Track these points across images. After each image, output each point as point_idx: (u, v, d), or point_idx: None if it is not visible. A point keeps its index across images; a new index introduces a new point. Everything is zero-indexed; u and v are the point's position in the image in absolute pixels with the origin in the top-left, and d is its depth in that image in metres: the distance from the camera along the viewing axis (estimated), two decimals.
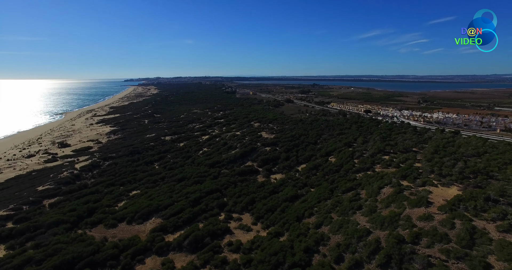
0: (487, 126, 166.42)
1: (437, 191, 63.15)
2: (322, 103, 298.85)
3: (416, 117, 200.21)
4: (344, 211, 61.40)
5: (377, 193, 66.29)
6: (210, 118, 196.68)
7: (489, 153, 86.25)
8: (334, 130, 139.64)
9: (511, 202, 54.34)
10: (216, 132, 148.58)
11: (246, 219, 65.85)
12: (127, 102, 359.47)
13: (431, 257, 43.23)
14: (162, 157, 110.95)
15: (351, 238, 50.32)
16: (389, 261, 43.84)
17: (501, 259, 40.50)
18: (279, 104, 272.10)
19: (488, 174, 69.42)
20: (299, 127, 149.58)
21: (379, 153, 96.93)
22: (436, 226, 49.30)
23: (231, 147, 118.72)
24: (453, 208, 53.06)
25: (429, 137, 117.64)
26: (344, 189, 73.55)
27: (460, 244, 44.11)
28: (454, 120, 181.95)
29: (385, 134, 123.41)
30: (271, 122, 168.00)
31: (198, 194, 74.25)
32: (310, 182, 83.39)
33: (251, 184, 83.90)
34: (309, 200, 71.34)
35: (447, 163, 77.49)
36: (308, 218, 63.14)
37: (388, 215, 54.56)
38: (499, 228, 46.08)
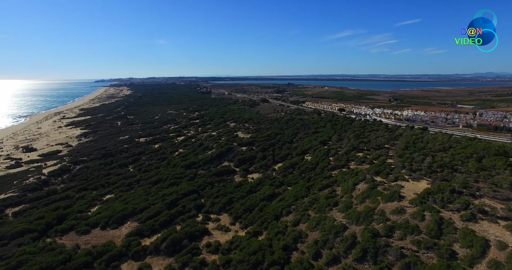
0: (451, 123, 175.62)
1: (408, 185, 65.76)
2: (297, 102, 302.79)
3: (388, 115, 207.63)
4: (321, 208, 62.61)
5: (352, 189, 68.14)
6: (186, 118, 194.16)
7: (454, 148, 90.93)
8: (309, 129, 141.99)
9: (473, 193, 57.79)
10: (192, 133, 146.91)
11: (224, 219, 65.59)
12: (99, 103, 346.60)
13: (404, 249, 45.06)
14: (136, 160, 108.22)
15: (328, 234, 51.42)
16: (365, 254, 45.24)
17: (464, 246, 43.06)
18: (254, 104, 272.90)
19: (453, 167, 73.22)
20: (275, 127, 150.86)
21: (353, 151, 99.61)
22: (408, 219, 51.41)
23: (207, 148, 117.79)
24: (423, 201, 55.48)
25: (400, 134, 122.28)
26: (320, 187, 74.94)
27: (429, 235, 46.29)
28: (422, 117, 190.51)
29: (358, 132, 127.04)
30: (247, 121, 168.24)
31: (174, 196, 73.06)
32: (287, 181, 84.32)
33: (228, 184, 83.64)
34: (286, 199, 72.12)
35: (417, 158, 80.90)
36: (286, 216, 63.86)
37: (363, 210, 56.25)
38: (463, 217, 48.79)
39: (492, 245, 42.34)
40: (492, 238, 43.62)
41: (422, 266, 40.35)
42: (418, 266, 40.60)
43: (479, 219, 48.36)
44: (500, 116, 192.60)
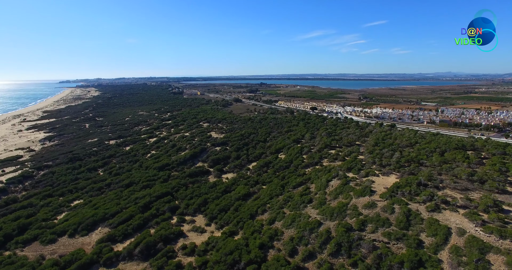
0: (416, 119, 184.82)
1: (378, 180, 68.28)
2: (270, 101, 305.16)
3: (358, 112, 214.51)
4: (296, 205, 63.62)
5: (325, 186, 69.75)
6: (157, 119, 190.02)
7: (419, 143, 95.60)
8: (282, 128, 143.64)
9: (437, 185, 61.12)
10: (164, 134, 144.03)
11: (200, 220, 64.94)
12: (64, 105, 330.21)
13: (376, 241, 46.82)
14: (107, 163, 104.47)
15: (303, 231, 52.37)
16: (339, 249, 46.51)
17: (429, 235, 45.50)
18: (227, 104, 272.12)
19: (419, 161, 77.00)
20: (248, 126, 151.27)
21: (326, 148, 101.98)
22: (379, 212, 53.43)
23: (181, 149, 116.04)
24: (392, 195, 57.87)
25: (370, 131, 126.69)
26: (294, 184, 76.09)
27: (399, 227, 48.43)
28: (390, 114, 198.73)
29: (330, 130, 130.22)
30: (220, 121, 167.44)
31: (148, 199, 71.35)
32: (262, 180, 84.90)
33: (203, 185, 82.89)
34: (261, 197, 72.58)
35: (386, 154, 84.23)
36: (262, 215, 64.28)
37: (337, 206, 57.79)
38: (428, 208, 51.49)
39: (453, 232, 45.08)
40: (453, 226, 46.42)
41: (393, 257, 42.13)
42: (389, 257, 42.34)
43: (442, 209, 51.25)
44: (459, 113, 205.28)
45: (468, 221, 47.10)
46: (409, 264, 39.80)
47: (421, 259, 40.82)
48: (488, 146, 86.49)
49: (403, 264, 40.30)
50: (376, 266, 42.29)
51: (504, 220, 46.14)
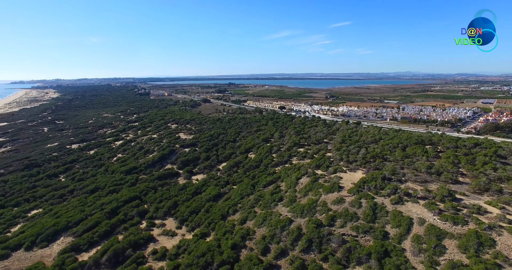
0: (380, 117, 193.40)
1: (346, 176, 70.57)
2: (239, 101, 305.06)
3: (325, 111, 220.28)
4: (267, 204, 64.20)
5: (295, 183, 71.00)
6: (123, 122, 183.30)
7: (383, 139, 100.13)
8: (252, 127, 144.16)
9: (400, 178, 64.37)
10: (131, 137, 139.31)
11: (170, 223, 63.60)
12: (18, 108, 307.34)
13: (345, 235, 48.46)
14: (69, 168, 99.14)
15: (275, 229, 52.98)
16: (310, 245, 47.61)
17: (394, 226, 47.90)
18: (196, 104, 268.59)
19: (384, 157, 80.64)
20: (217, 126, 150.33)
21: (295, 146, 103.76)
22: (347, 207, 55.27)
23: (148, 151, 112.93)
24: (359, 190, 60.10)
25: (337, 128, 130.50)
26: (265, 183, 76.72)
27: (366, 220, 50.48)
28: (356, 112, 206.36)
29: (299, 128, 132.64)
30: (188, 122, 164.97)
31: (115, 204, 68.67)
32: (232, 180, 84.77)
33: (173, 188, 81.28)
34: (232, 198, 72.49)
35: (353, 150, 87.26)
36: (233, 215, 64.21)
37: (307, 203, 59.04)
38: (392, 201, 54.13)
39: (415, 222, 47.79)
40: (415, 216, 49.19)
41: (361, 249, 43.85)
42: (357, 249, 44.02)
43: (405, 201, 54.05)
44: (418, 110, 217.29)
45: (427, 211, 50.07)
46: (376, 255, 41.65)
47: (386, 250, 42.89)
48: (443, 140, 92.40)
49: (371, 255, 42.10)
50: (346, 259, 43.83)
51: (457, 208, 49.75)
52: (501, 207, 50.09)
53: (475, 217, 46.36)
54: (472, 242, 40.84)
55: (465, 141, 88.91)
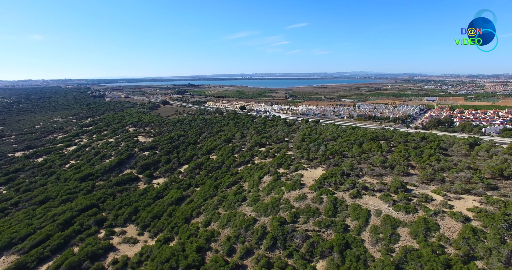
0: (338, 115, 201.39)
1: (307, 173, 72.56)
2: (199, 102, 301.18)
3: (285, 110, 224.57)
4: (231, 204, 64.07)
5: (258, 183, 71.59)
6: (76, 126, 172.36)
7: (341, 136, 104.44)
8: (213, 128, 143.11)
9: (358, 173, 67.66)
10: (86, 141, 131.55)
11: (131, 230, 61.06)
12: None
13: (308, 231, 49.87)
14: (12, 179, 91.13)
15: (239, 229, 53.05)
16: (275, 242, 48.35)
17: (353, 219, 50.30)
18: (154, 106, 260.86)
19: (342, 153, 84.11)
20: (177, 128, 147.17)
21: (256, 146, 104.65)
22: (309, 203, 56.88)
23: (105, 156, 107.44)
24: (320, 186, 62.13)
25: (297, 127, 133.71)
26: (228, 184, 76.49)
27: (327, 215, 52.34)
28: (314, 111, 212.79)
29: (260, 128, 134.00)
30: (147, 125, 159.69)
31: (69, 214, 64.42)
32: (195, 182, 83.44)
33: (133, 193, 78.12)
34: (195, 200, 71.37)
35: (313, 148, 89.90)
36: (197, 218, 63.25)
37: (270, 202, 59.84)
38: (351, 195, 56.72)
39: (372, 214, 50.56)
40: (372, 208, 52.01)
41: (324, 243, 45.43)
42: (320, 244, 45.58)
43: (363, 194, 56.89)
44: (372, 108, 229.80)
45: (383, 202, 53.16)
46: (338, 247, 43.43)
47: (347, 242, 44.89)
48: (395, 136, 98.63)
49: (333, 248, 43.82)
50: (310, 254, 45.20)
51: (408, 198, 53.55)
52: (444, 194, 54.81)
53: (423, 205, 50.18)
54: (421, 228, 44.34)
55: (413, 136, 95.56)
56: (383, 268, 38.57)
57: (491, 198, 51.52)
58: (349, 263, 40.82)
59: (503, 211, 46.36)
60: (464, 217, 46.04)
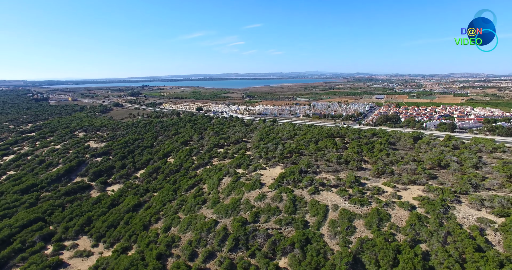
0: (294, 114, 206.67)
1: (266, 172, 73.38)
2: (154, 104, 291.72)
3: (242, 110, 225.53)
4: (191, 208, 62.80)
5: (218, 184, 71.01)
6: (15, 132, 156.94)
7: (298, 135, 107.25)
8: (169, 131, 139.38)
9: (315, 170, 69.94)
10: (27, 149, 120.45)
11: (84, 243, 57.23)
12: None
13: (269, 230, 50.46)
14: None
15: (201, 232, 52.20)
16: (237, 243, 48.26)
17: (312, 215, 51.92)
18: (106, 109, 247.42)
19: (299, 151, 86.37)
20: (132, 132, 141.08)
21: (214, 147, 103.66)
22: (269, 202, 57.59)
23: (51, 164, 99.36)
24: (279, 184, 63.17)
25: (254, 127, 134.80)
26: (187, 187, 74.86)
27: (287, 212, 53.44)
28: (271, 110, 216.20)
29: (218, 129, 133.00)
30: (99, 129, 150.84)
31: (6, 232, 58.48)
32: (152, 187, 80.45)
33: (85, 202, 73.29)
34: (154, 205, 68.88)
35: (271, 147, 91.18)
36: (156, 224, 61.10)
37: (231, 203, 59.62)
38: (310, 192, 58.49)
39: (330, 209, 52.59)
40: (330, 203, 54.10)
41: (285, 240, 46.29)
42: (282, 241, 46.38)
43: (320, 190, 58.93)
44: (326, 106, 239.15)
45: (339, 197, 55.53)
46: (299, 243, 44.50)
47: (308, 237, 46.16)
48: (349, 132, 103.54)
49: (294, 244, 44.80)
50: (272, 252, 45.80)
51: (362, 191, 56.55)
52: (393, 186, 58.79)
53: (376, 197, 53.32)
54: (375, 219, 47.12)
55: (365, 132, 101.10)
56: (341, 260, 40.25)
57: (432, 186, 56.41)
58: (310, 258, 42.00)
59: (441, 197, 51.33)
60: (411, 206, 49.85)
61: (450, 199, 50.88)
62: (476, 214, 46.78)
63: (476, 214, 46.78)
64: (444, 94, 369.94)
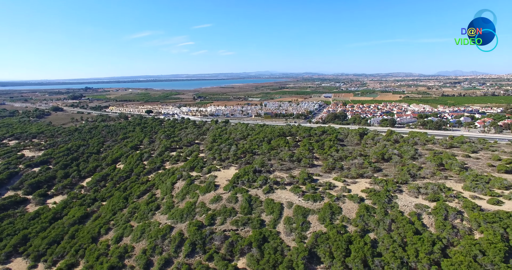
0: (246, 114, 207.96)
1: (220, 174, 72.69)
2: (100, 107, 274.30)
3: (194, 112, 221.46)
4: (144, 215, 59.93)
5: (171, 189, 68.70)
6: None
7: (251, 135, 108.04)
8: (117, 135, 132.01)
9: (269, 169, 71.01)
10: None
11: (19, 265, 51.51)
12: None
13: (226, 231, 50.04)
14: None
15: (155, 239, 50.07)
16: (194, 248, 47.10)
17: (268, 213, 52.62)
18: (43, 114, 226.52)
19: (253, 151, 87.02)
20: (76, 138, 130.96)
21: (166, 151, 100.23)
22: (225, 204, 57.10)
23: None
24: (234, 185, 62.99)
25: (207, 128, 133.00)
26: (139, 193, 71.36)
27: (243, 213, 53.46)
28: (223, 111, 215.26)
29: (169, 132, 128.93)
30: (35, 136, 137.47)
31: None
32: (101, 196, 75.30)
33: (19, 219, 66.20)
34: (103, 215, 64.52)
35: (224, 148, 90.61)
36: (106, 235, 57.28)
37: (186, 207, 58.03)
38: (264, 191, 59.17)
39: (285, 207, 53.73)
40: (284, 201, 55.24)
41: (243, 241, 46.22)
42: (239, 242, 46.23)
43: (275, 189, 59.93)
44: (277, 106, 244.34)
45: (293, 194, 56.95)
46: (256, 243, 44.75)
47: (264, 236, 46.60)
48: (300, 131, 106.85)
49: (252, 244, 44.94)
50: (230, 253, 45.47)
51: (315, 187, 58.70)
52: (343, 180, 61.91)
53: (327, 192, 55.68)
54: (327, 213, 49.15)
55: (315, 130, 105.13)
56: (298, 255, 41.28)
57: (377, 179, 60.45)
58: (267, 256, 42.44)
59: (385, 188, 55.30)
60: (360, 198, 52.86)
61: (393, 189, 55.08)
62: (414, 201, 51.26)
63: (414, 201, 51.26)
64: (385, 92, 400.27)
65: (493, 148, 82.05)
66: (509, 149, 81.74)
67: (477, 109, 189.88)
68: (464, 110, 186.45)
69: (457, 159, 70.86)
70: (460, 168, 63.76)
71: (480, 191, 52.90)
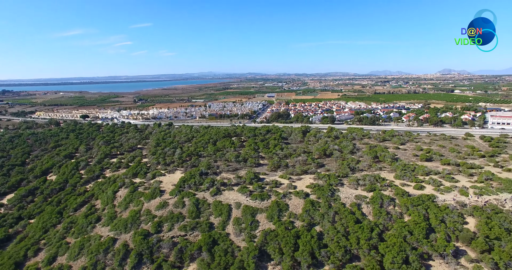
0: (190, 116, 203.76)
1: (166, 179, 70.13)
2: (24, 113, 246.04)
3: (135, 115, 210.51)
4: (82, 229, 55.26)
5: (113, 198, 64.42)
6: None
7: (196, 137, 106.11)
8: (48, 144, 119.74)
9: (215, 171, 70.57)
10: None
11: None
12: None
13: (174, 237, 48.50)
14: None
15: (96, 254, 46.47)
16: (141, 258, 44.79)
17: (217, 216, 52.05)
18: None
19: (198, 154, 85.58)
20: None
21: (106, 158, 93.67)
22: (171, 209, 55.28)
23: None
24: (180, 190, 61.28)
25: (149, 132, 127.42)
26: (75, 206, 65.43)
27: (191, 217, 52.32)
28: (166, 114, 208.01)
29: (108, 137, 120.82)
30: None
31: None
32: (27, 213, 67.09)
33: None
34: (30, 235, 57.70)
35: (168, 152, 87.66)
36: (35, 257, 51.29)
37: (129, 216, 54.88)
38: (212, 193, 58.64)
39: (233, 207, 53.91)
40: (232, 202, 55.38)
41: (192, 246, 45.20)
42: (189, 247, 45.12)
43: (222, 190, 59.73)
44: (222, 106, 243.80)
45: (241, 195, 57.36)
46: (206, 246, 44.13)
47: (214, 239, 46.20)
48: (245, 131, 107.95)
49: (201, 248, 44.22)
50: (179, 260, 44.24)
51: (262, 186, 60.01)
52: (289, 177, 64.20)
53: (274, 190, 57.17)
54: (275, 211, 50.53)
55: (260, 130, 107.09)
56: (248, 255, 41.66)
57: (320, 174, 63.79)
58: (218, 259, 42.10)
59: (328, 182, 58.71)
60: (305, 194, 55.26)
61: (335, 183, 58.63)
62: (354, 193, 55.23)
63: (354, 193, 55.23)
64: (325, 90, 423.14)
65: (416, 140, 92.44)
66: (428, 140, 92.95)
67: (403, 105, 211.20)
68: (393, 106, 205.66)
69: (389, 151, 78.16)
70: (392, 159, 70.46)
71: (407, 178, 59.44)
